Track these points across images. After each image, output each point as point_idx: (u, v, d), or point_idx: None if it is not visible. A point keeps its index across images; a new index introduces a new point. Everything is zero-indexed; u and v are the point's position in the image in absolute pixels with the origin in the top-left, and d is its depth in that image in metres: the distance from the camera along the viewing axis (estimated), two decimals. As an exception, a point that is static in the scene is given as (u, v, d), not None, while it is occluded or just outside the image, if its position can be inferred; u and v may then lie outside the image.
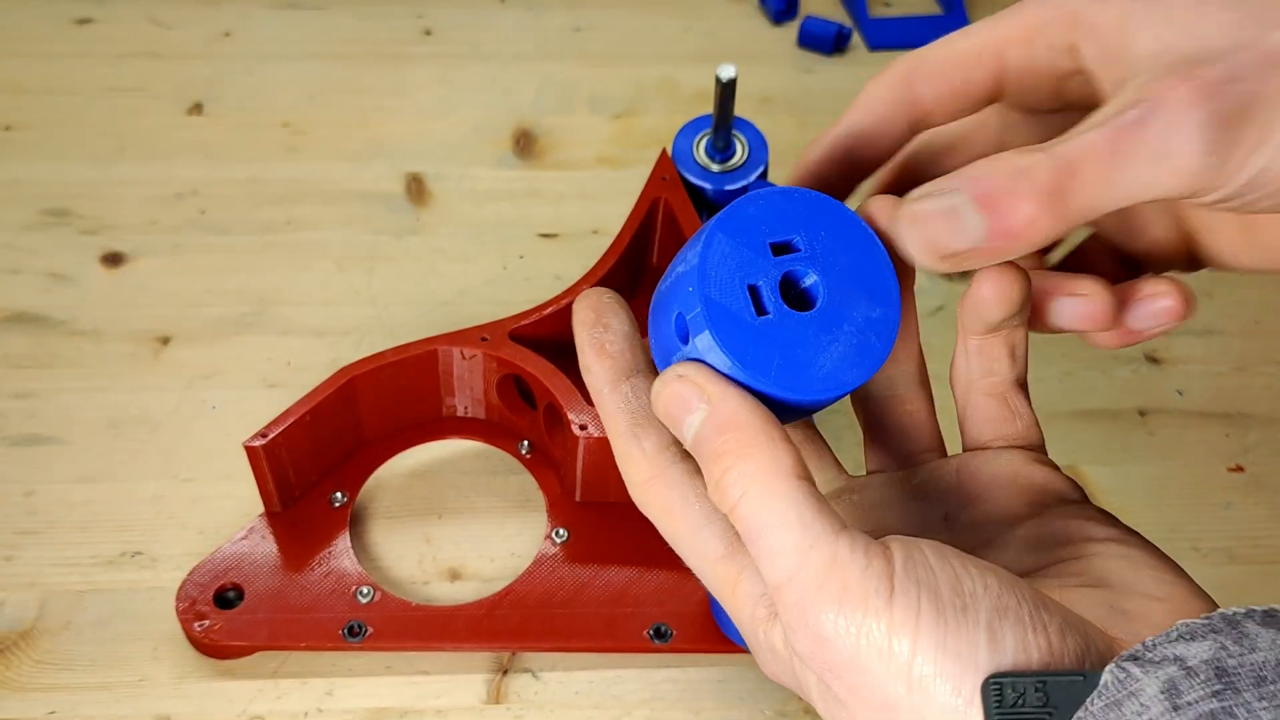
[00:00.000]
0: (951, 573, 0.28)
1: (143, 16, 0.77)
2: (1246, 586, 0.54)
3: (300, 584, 0.50)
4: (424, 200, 0.68)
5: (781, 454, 0.30)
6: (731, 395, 0.31)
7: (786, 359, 0.31)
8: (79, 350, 0.60)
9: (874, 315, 0.32)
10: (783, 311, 0.32)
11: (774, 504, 0.29)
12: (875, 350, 0.32)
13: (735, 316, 0.31)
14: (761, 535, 0.29)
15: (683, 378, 0.31)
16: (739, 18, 0.80)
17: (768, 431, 0.30)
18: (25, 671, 0.49)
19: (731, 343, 0.31)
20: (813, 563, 0.28)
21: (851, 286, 0.32)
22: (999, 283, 0.34)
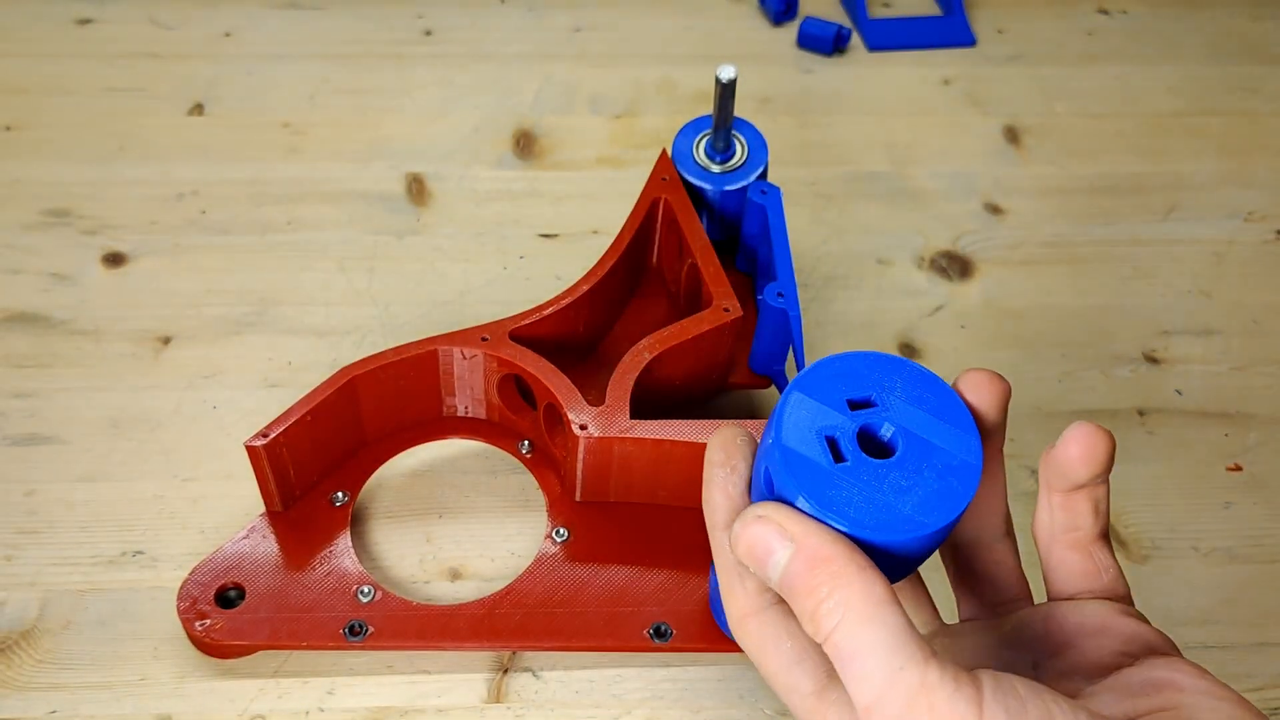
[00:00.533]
0: (1043, 706, 0.29)
1: (143, 17, 0.77)
2: (1246, 586, 0.54)
3: (301, 583, 0.50)
4: (424, 200, 0.68)
5: (872, 581, 0.31)
6: (815, 530, 0.32)
7: (866, 501, 0.32)
8: (80, 350, 0.60)
9: (954, 463, 0.33)
10: (860, 459, 0.33)
11: (867, 630, 0.30)
12: (957, 494, 0.33)
13: (813, 464, 0.33)
14: (854, 660, 0.30)
15: (763, 518, 0.32)
16: (739, 18, 0.81)
17: (856, 561, 0.31)
18: (26, 671, 0.49)
19: (810, 487, 0.32)
20: (900, 685, 0.29)
21: (931, 437, 0.33)
22: (1086, 444, 0.35)
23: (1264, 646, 0.52)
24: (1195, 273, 0.67)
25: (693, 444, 0.50)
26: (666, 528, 0.53)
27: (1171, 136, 0.75)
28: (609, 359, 0.57)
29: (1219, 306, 0.65)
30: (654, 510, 0.54)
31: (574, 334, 0.56)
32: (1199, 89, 0.79)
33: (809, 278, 0.65)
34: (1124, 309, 0.65)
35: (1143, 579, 0.54)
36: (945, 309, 0.64)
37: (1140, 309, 0.65)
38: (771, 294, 0.53)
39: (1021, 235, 0.69)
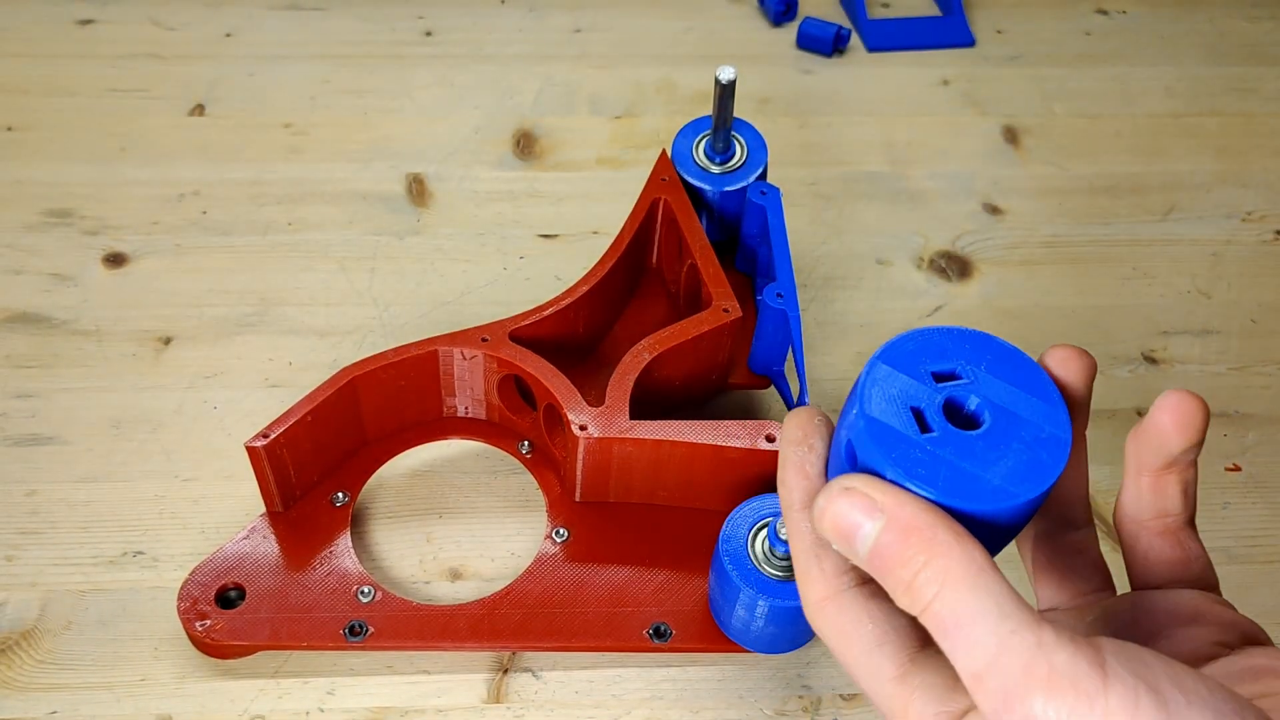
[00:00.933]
0: (1172, 671, 0.28)
1: (144, 17, 0.77)
2: (1245, 585, 0.54)
3: (301, 583, 0.50)
4: (425, 201, 0.68)
5: (971, 547, 0.30)
6: (906, 500, 0.30)
7: (954, 471, 0.31)
8: (81, 350, 0.60)
9: (1043, 435, 0.32)
10: (947, 429, 0.32)
11: (973, 596, 0.29)
12: (1045, 465, 0.32)
13: (899, 435, 0.32)
14: (960, 627, 0.29)
15: (851, 490, 0.31)
16: (738, 19, 0.81)
17: (952, 528, 0.30)
18: (27, 671, 0.49)
19: (897, 456, 0.31)
20: (1016, 647, 0.28)
21: (1018, 410, 0.32)
22: (1180, 410, 0.33)
23: (1262, 646, 0.52)
24: (1194, 273, 0.67)
25: (692, 444, 0.50)
26: (666, 528, 0.53)
27: (1170, 137, 0.75)
28: (609, 359, 0.57)
29: (1217, 306, 0.65)
30: (654, 510, 0.54)
31: (574, 334, 0.56)
32: (1197, 89, 0.79)
33: (808, 278, 0.65)
34: (1122, 309, 0.65)
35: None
36: (944, 309, 0.65)
37: (1139, 309, 0.65)
38: (771, 294, 0.53)
39: (1020, 235, 0.69)
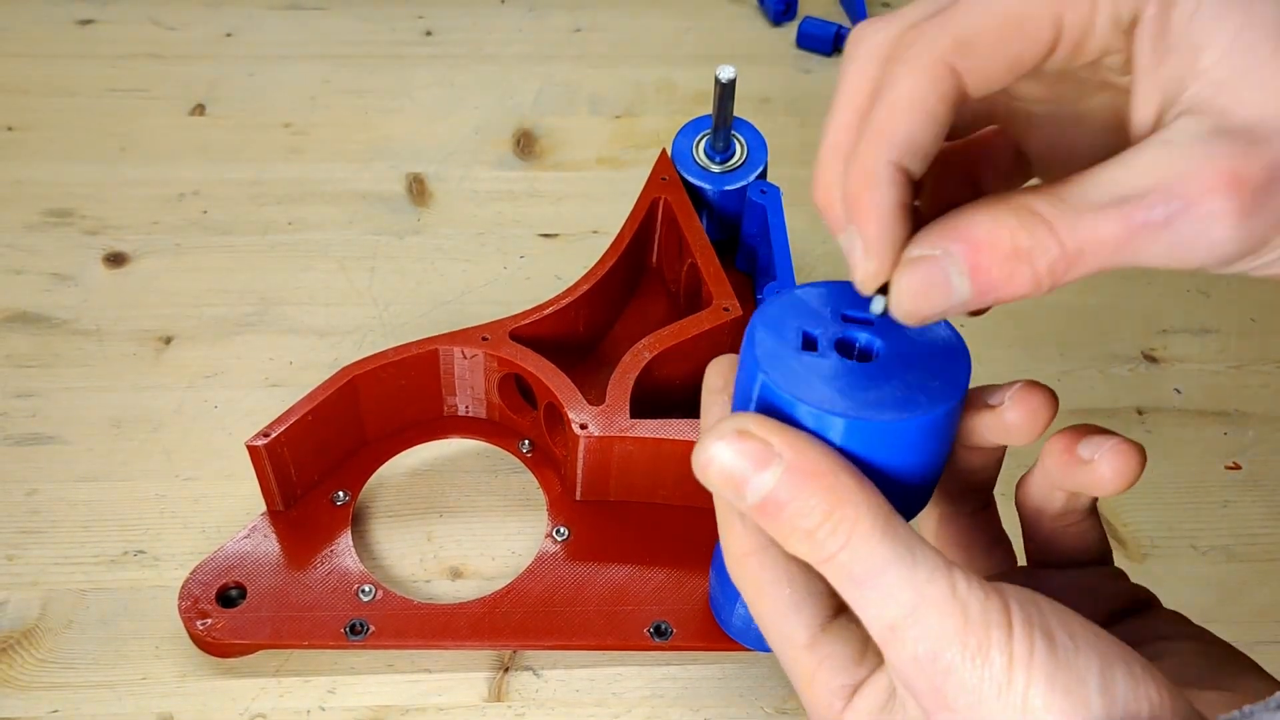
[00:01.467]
0: (1064, 617, 0.28)
1: (144, 17, 0.77)
2: (1245, 584, 0.54)
3: (302, 582, 0.50)
4: (425, 200, 0.68)
5: (872, 493, 0.29)
6: (808, 444, 0.29)
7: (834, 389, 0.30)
8: (81, 350, 0.60)
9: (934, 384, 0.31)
10: (835, 356, 0.31)
11: (884, 545, 0.28)
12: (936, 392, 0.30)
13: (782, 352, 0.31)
14: (871, 577, 0.28)
15: (746, 433, 0.29)
16: (738, 19, 0.81)
17: (853, 474, 0.29)
18: (28, 670, 0.49)
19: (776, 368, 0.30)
20: (931, 595, 0.28)
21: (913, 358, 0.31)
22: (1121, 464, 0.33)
23: (1261, 645, 0.52)
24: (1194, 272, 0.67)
25: (692, 443, 0.50)
26: (666, 527, 0.53)
27: (1170, 136, 0.75)
28: (609, 359, 0.57)
29: (1217, 305, 0.65)
30: (654, 509, 0.54)
31: (574, 334, 0.56)
32: (1198, 89, 0.79)
33: (809, 277, 0.65)
34: (1122, 308, 0.65)
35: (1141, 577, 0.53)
36: (944, 308, 0.65)
37: (1139, 308, 0.65)
38: (771, 294, 0.53)
39: (1020, 235, 0.69)
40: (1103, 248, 0.26)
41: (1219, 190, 0.25)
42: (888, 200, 0.29)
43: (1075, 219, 0.26)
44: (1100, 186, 0.27)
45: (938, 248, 0.28)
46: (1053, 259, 0.27)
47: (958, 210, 0.28)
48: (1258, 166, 0.25)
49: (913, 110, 0.28)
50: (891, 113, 0.28)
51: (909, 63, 0.28)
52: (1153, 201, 0.26)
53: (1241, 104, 0.25)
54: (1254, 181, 0.25)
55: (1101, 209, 0.26)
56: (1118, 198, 0.26)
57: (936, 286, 0.28)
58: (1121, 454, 0.32)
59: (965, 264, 0.27)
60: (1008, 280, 0.27)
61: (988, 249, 0.27)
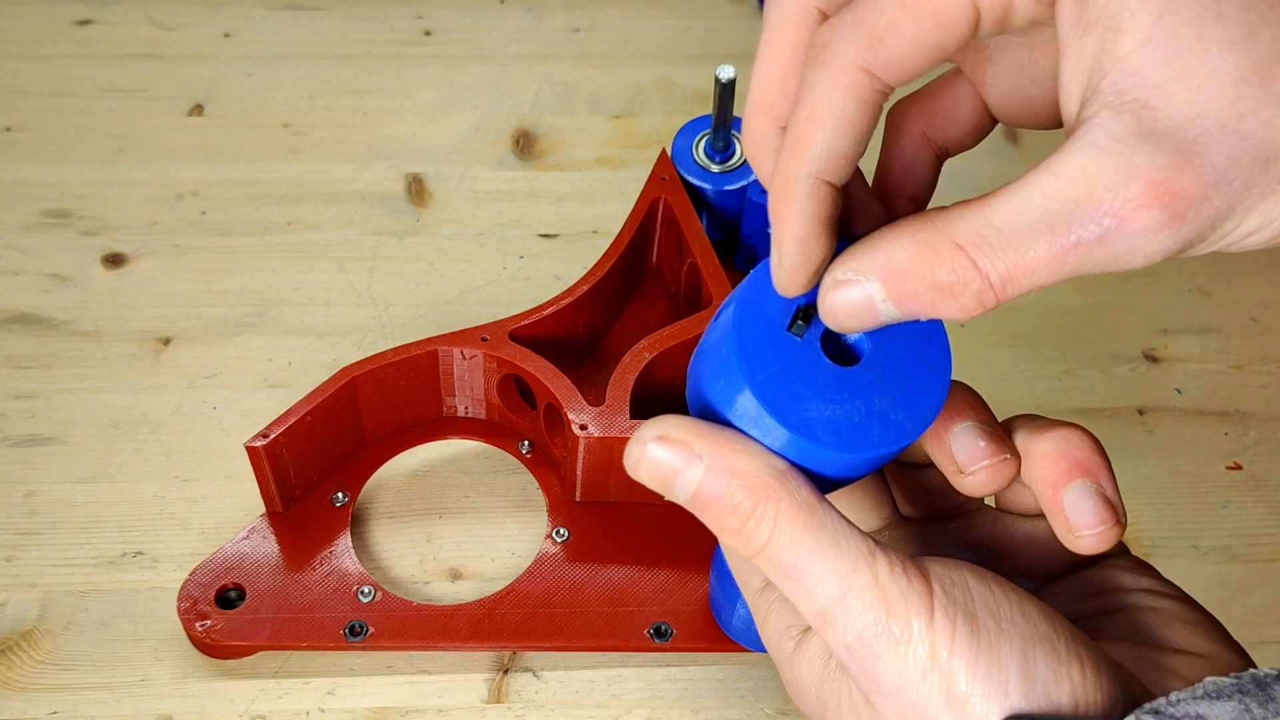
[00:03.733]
0: (989, 596, 0.29)
1: (143, 18, 0.77)
2: (1245, 584, 0.54)
3: (302, 584, 0.50)
4: (424, 201, 0.68)
5: (795, 487, 0.29)
6: (727, 445, 0.30)
7: (788, 380, 0.30)
8: (80, 351, 0.60)
9: (892, 417, 0.30)
10: (814, 346, 0.30)
11: (807, 536, 0.29)
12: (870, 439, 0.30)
13: (767, 317, 0.30)
14: (798, 569, 0.29)
15: (664, 439, 0.30)
16: (738, 18, 0.81)
17: (773, 470, 0.30)
18: (27, 672, 0.49)
19: (746, 335, 0.30)
20: (856, 585, 0.28)
21: (895, 367, 0.31)
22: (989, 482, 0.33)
23: (1262, 644, 0.52)
24: (1194, 271, 0.67)
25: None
26: (666, 528, 0.53)
27: (1171, 135, 0.75)
28: (609, 359, 0.57)
29: (1218, 305, 0.65)
30: (654, 510, 0.54)
31: (574, 334, 0.56)
32: (1198, 88, 0.79)
33: (808, 277, 0.65)
34: (1123, 307, 0.65)
35: (1142, 578, 0.54)
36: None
37: (1139, 307, 0.65)
38: None
39: (1021, 234, 0.69)
40: (1034, 273, 0.26)
41: (1151, 205, 0.25)
42: (804, 214, 0.29)
43: (1002, 248, 0.26)
44: (1029, 204, 0.26)
45: (860, 274, 0.28)
46: (978, 290, 0.26)
47: (881, 232, 0.28)
48: (1189, 178, 0.25)
49: (829, 122, 0.28)
50: (809, 125, 0.28)
51: (825, 66, 0.28)
52: (1084, 219, 0.25)
53: (1165, 99, 0.25)
54: (1185, 193, 0.25)
55: (1031, 232, 0.26)
56: (1047, 218, 0.25)
57: (862, 308, 0.28)
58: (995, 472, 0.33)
59: (887, 293, 0.28)
60: (933, 309, 0.27)
61: (910, 281, 0.27)
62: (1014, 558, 0.36)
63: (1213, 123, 0.24)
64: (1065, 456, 0.32)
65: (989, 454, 0.33)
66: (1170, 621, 0.33)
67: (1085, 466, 0.32)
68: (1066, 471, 0.32)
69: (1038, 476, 0.33)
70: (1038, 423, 0.34)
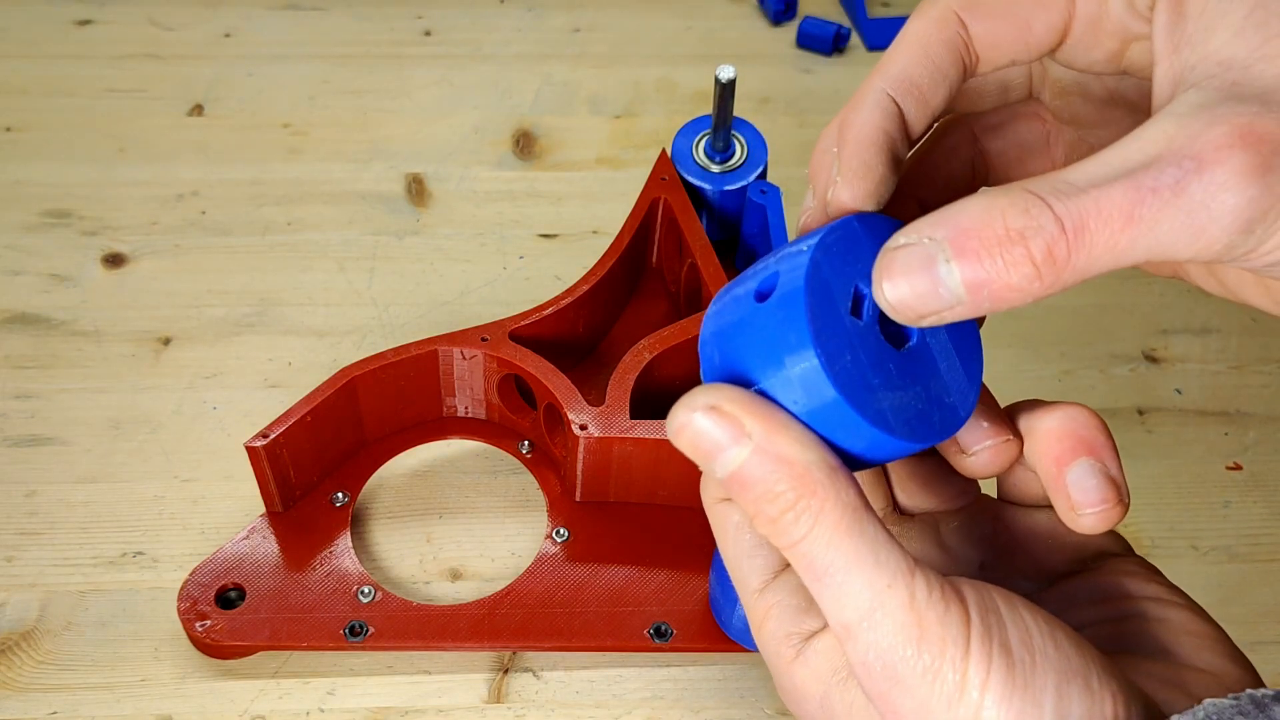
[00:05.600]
0: (1022, 626, 0.28)
1: (143, 18, 0.77)
2: (1245, 585, 0.54)
3: (301, 584, 0.50)
4: (424, 201, 0.68)
5: (844, 487, 0.28)
6: (781, 429, 0.28)
7: (861, 368, 0.28)
8: (80, 351, 0.60)
9: (947, 399, 0.30)
10: (874, 329, 0.29)
11: (849, 542, 0.27)
12: (934, 426, 0.29)
13: (832, 300, 0.28)
14: (830, 574, 0.28)
15: (716, 410, 0.28)
16: (738, 18, 0.81)
17: (826, 464, 0.28)
18: (27, 672, 0.49)
19: (817, 318, 0.28)
20: (889, 604, 0.27)
21: (940, 363, 0.30)
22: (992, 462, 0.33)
23: (1262, 645, 0.52)
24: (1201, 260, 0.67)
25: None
26: (666, 528, 0.53)
27: (1171, 135, 0.75)
28: (609, 359, 0.57)
29: (1218, 305, 0.65)
30: (654, 510, 0.54)
31: (574, 334, 0.56)
32: (1198, 88, 0.78)
33: (808, 277, 0.65)
34: (1123, 308, 0.65)
35: (1142, 578, 0.54)
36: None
37: (1139, 307, 0.65)
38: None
39: (1021, 234, 0.69)
40: (1108, 222, 0.25)
41: (1234, 146, 0.24)
42: (870, 121, 0.29)
43: (1077, 193, 0.25)
44: (1106, 163, 0.25)
45: (923, 235, 0.26)
46: (1050, 238, 0.25)
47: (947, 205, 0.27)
48: (1274, 124, 0.24)
49: (912, 46, 0.30)
50: (893, 49, 0.30)
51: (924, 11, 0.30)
52: (1162, 165, 0.24)
53: (1251, 75, 0.25)
54: (1272, 139, 0.24)
55: (1106, 181, 0.25)
56: (1126, 167, 0.25)
57: (922, 275, 0.26)
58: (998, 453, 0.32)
59: (951, 249, 0.26)
60: (1001, 268, 0.25)
61: (976, 232, 0.25)
62: (1014, 554, 0.35)
63: None
64: (1070, 434, 0.32)
65: (991, 434, 0.32)
66: (1179, 634, 0.32)
67: (1090, 444, 0.32)
68: (1071, 449, 0.32)
69: (1042, 454, 0.32)
70: (1041, 404, 0.33)
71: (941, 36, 0.29)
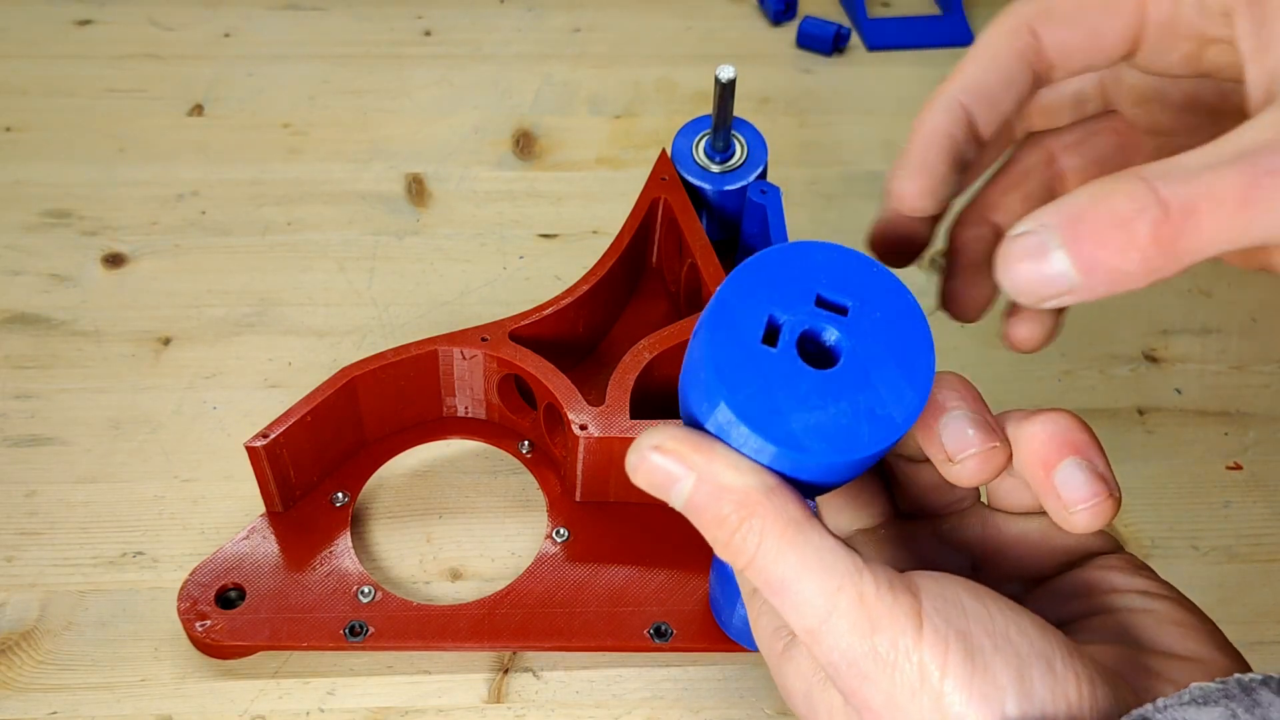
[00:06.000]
0: (984, 613, 0.28)
1: (143, 18, 0.77)
2: (1245, 585, 0.54)
3: (301, 584, 0.50)
4: (424, 201, 0.68)
5: (784, 503, 0.29)
6: (718, 458, 0.30)
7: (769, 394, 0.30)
8: (80, 351, 0.60)
9: (879, 411, 0.30)
10: (790, 354, 0.30)
11: (793, 553, 0.29)
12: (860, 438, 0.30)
13: (740, 334, 0.30)
14: (786, 586, 0.29)
15: (659, 449, 0.31)
16: (738, 18, 0.81)
17: (763, 484, 0.30)
18: (27, 672, 0.49)
19: (720, 355, 0.30)
20: (841, 604, 0.28)
21: (872, 373, 0.30)
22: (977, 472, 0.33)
23: (1262, 645, 0.52)
24: (1194, 271, 0.67)
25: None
26: (666, 528, 0.53)
27: (1171, 136, 0.75)
28: (609, 359, 0.57)
29: (1218, 305, 0.65)
30: (654, 510, 0.54)
31: (574, 334, 0.56)
32: (1198, 88, 0.79)
33: (808, 277, 0.65)
34: (1123, 308, 0.65)
35: (1142, 578, 0.54)
36: (945, 308, 0.65)
37: (1139, 308, 0.65)
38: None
39: (1021, 235, 0.69)
40: (1221, 205, 0.25)
41: None
42: (937, 123, 0.31)
43: (1188, 177, 0.25)
44: (1220, 148, 0.26)
45: (1039, 222, 0.27)
46: (1155, 221, 0.25)
47: None
48: None
49: (983, 56, 0.31)
50: (968, 58, 0.32)
51: (1000, 21, 0.31)
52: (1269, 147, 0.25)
53: None
54: None
55: (1221, 164, 0.25)
56: (1240, 152, 0.25)
57: (1036, 262, 0.27)
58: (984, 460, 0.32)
59: (1061, 236, 0.27)
60: (1110, 254, 0.26)
61: (1085, 219, 0.26)
62: (1005, 556, 0.36)
63: None
64: (1054, 437, 0.32)
65: (978, 442, 0.32)
66: (1163, 624, 0.32)
67: (1075, 445, 0.32)
68: (1056, 450, 0.32)
69: (1028, 460, 0.32)
70: (1025, 411, 0.33)
71: (1013, 46, 0.31)
